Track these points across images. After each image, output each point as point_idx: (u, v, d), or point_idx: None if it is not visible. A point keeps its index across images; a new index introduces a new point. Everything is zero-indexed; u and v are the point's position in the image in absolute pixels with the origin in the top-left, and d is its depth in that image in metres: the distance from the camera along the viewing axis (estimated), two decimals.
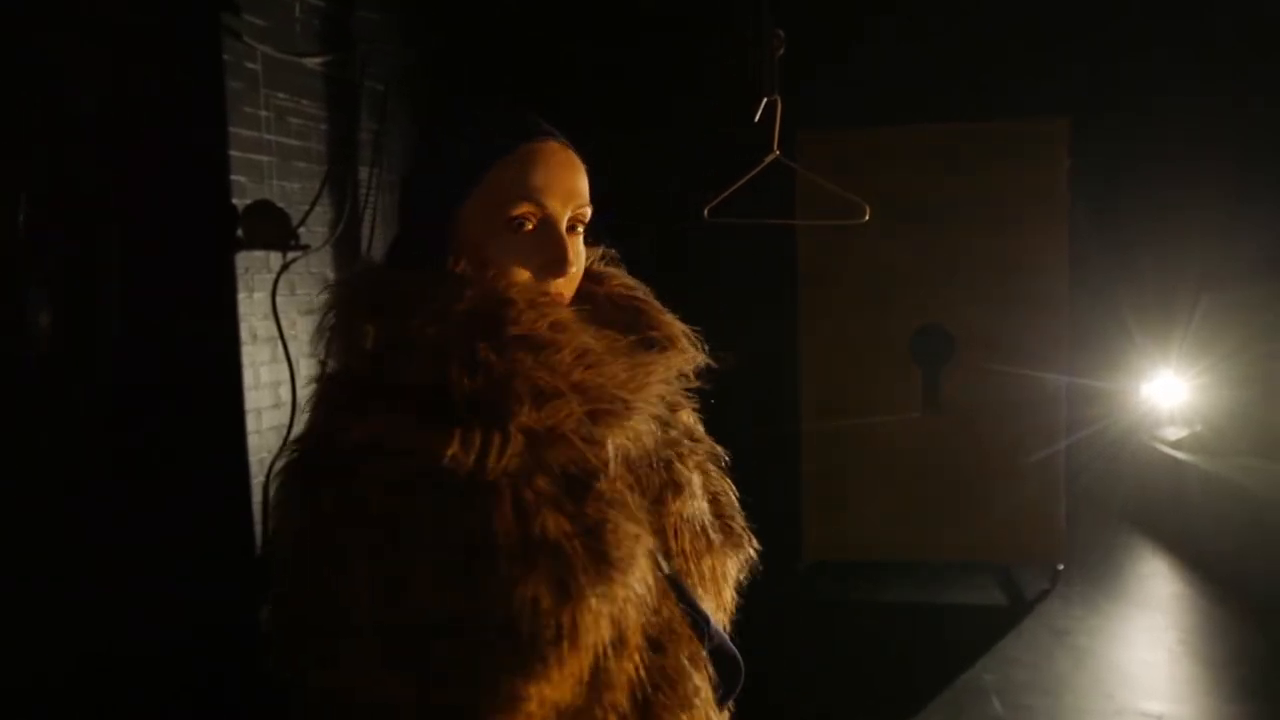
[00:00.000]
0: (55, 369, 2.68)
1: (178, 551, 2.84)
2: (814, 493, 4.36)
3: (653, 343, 0.99)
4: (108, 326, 2.78)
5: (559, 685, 0.78)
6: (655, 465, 0.96)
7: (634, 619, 0.84)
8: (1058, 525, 4.20)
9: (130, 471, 2.83)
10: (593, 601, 0.79)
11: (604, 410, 0.86)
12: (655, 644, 0.88)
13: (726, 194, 3.11)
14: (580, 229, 0.97)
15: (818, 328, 4.30)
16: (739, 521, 1.06)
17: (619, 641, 0.83)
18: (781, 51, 2.78)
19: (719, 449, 1.09)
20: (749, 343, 4.88)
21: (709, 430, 1.10)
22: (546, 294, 0.93)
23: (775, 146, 2.95)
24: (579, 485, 0.83)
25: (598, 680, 0.82)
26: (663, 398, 0.94)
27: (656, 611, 0.88)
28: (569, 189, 0.94)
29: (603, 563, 0.80)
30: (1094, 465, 5.09)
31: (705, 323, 1.05)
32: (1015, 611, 3.99)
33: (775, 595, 4.36)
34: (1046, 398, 4.12)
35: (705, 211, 3.16)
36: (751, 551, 1.06)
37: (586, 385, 0.85)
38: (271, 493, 0.92)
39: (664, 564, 0.93)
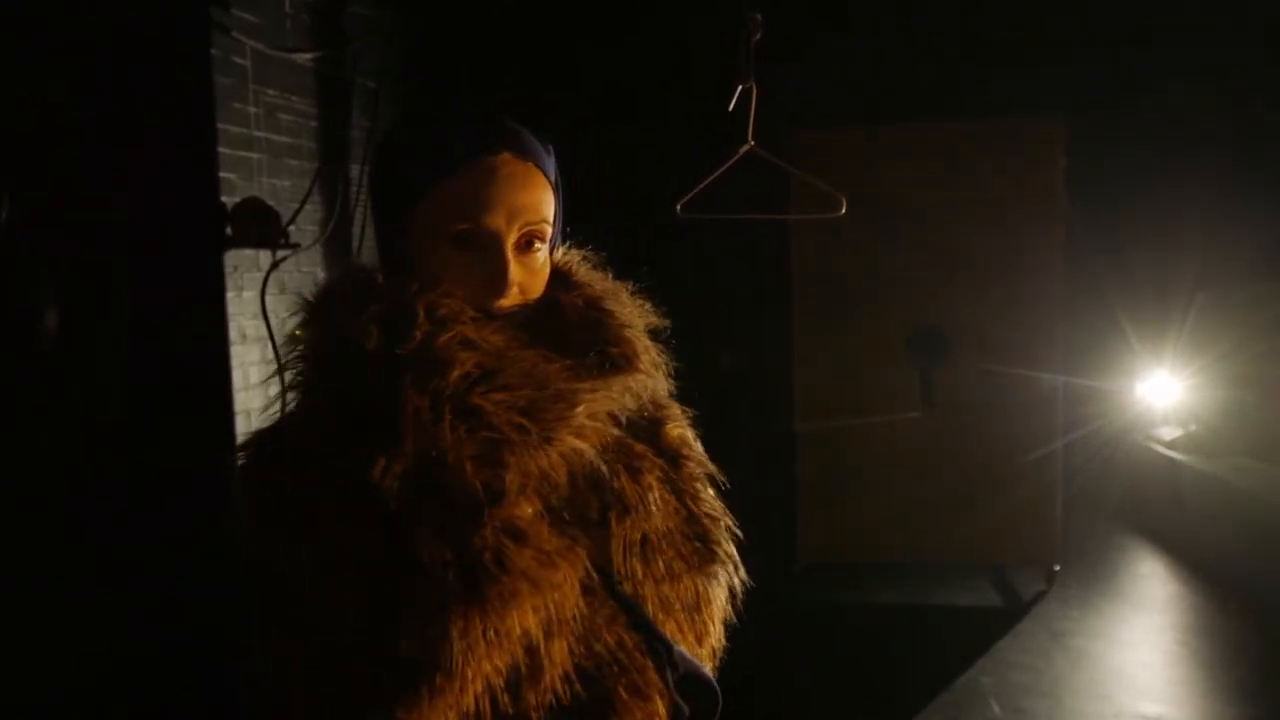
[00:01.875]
0: (57, 369, 2.66)
1: (171, 553, 2.81)
2: (809, 494, 4.34)
3: (611, 360, 0.94)
4: (115, 326, 2.76)
5: (435, 714, 0.78)
6: (600, 485, 0.92)
7: (551, 651, 0.82)
8: (1054, 526, 4.18)
9: (124, 472, 2.80)
10: (467, 631, 0.77)
11: (501, 440, 0.82)
12: (588, 676, 0.85)
13: (700, 188, 3.07)
14: (538, 244, 0.93)
15: (813, 328, 4.27)
16: (724, 547, 1.01)
17: (527, 675, 0.81)
18: (758, 37, 2.71)
19: (713, 468, 1.05)
20: (744, 343, 4.87)
21: (708, 435, 1.06)
22: (488, 309, 0.89)
23: (750, 137, 2.90)
24: (470, 513, 0.80)
25: (497, 714, 0.80)
26: (611, 415, 0.90)
27: (598, 639, 0.86)
28: (517, 206, 0.90)
29: (475, 596, 0.78)
30: (1090, 465, 5.08)
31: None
32: (1012, 613, 3.97)
33: (770, 597, 4.33)
34: (1042, 398, 4.10)
35: (678, 207, 3.11)
36: (736, 580, 1.01)
37: (482, 410, 0.82)
38: None
39: (612, 589, 0.90)
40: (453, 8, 4.34)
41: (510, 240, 0.90)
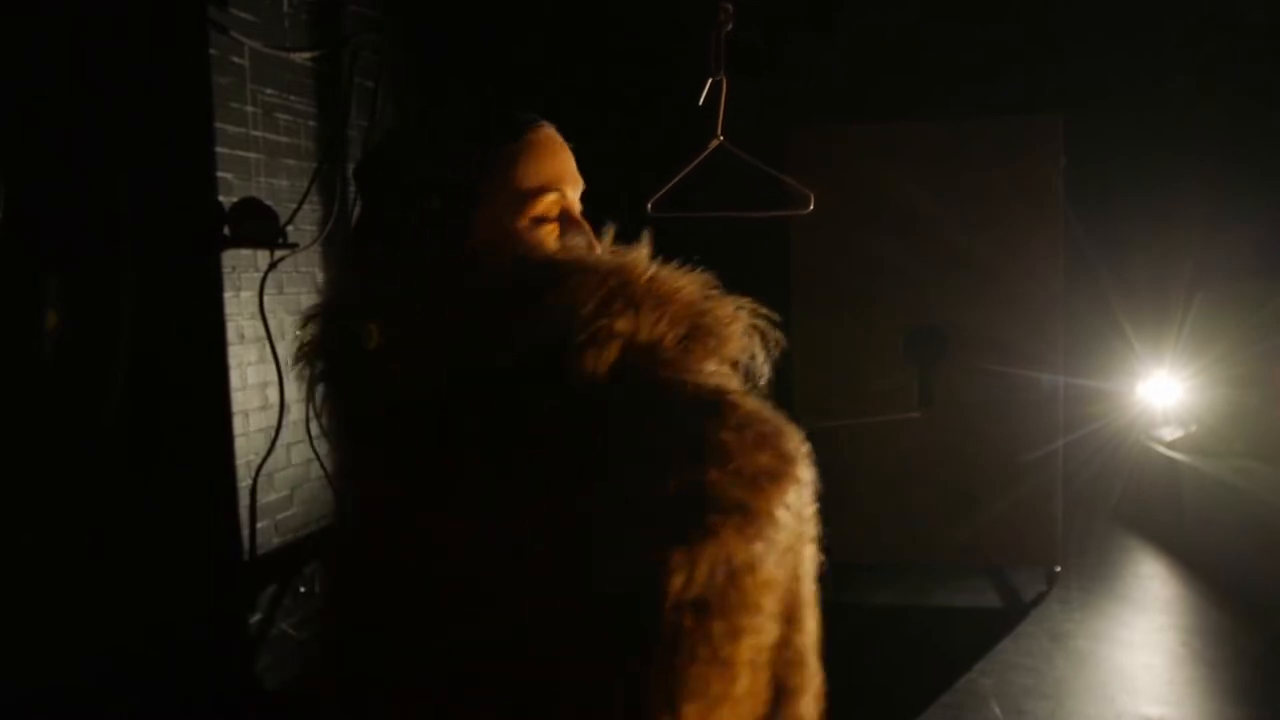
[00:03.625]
0: (58, 368, 2.65)
1: (168, 554, 2.81)
2: None
3: None
4: (115, 326, 2.75)
5: (726, 708, 0.66)
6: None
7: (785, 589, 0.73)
8: (1054, 526, 4.18)
9: (124, 470, 2.80)
10: (691, 572, 0.64)
11: (700, 331, 0.78)
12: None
13: (670, 184, 3.03)
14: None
15: (811, 327, 4.26)
16: None
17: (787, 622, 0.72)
18: (729, 28, 2.66)
19: None
20: None
21: None
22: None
23: (719, 131, 2.85)
24: (687, 429, 0.69)
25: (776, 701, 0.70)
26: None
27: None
28: (574, 172, 0.89)
29: (692, 525, 0.64)
30: (1090, 466, 5.07)
31: None
32: (1012, 614, 3.96)
33: None
34: (1042, 398, 4.10)
35: (649, 205, 3.08)
36: None
37: (670, 301, 0.76)
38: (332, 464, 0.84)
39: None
40: (450, 6, 4.33)
41: (577, 206, 0.90)
